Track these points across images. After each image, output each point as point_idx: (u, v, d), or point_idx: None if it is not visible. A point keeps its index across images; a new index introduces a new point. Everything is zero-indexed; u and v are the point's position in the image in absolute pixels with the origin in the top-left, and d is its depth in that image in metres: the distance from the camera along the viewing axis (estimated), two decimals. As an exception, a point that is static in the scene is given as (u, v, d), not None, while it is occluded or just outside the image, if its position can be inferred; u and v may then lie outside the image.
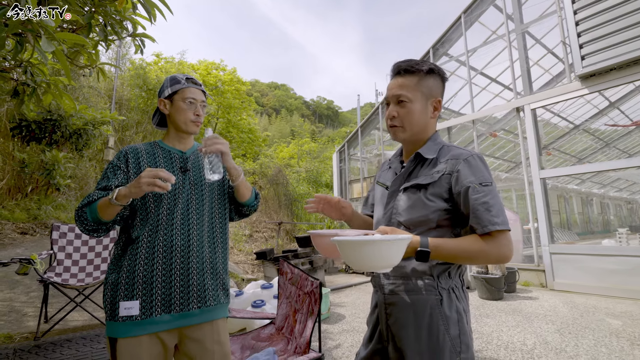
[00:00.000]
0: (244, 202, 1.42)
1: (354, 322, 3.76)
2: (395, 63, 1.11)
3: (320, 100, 75.29)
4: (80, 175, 7.49)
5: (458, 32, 7.37)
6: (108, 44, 2.67)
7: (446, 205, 1.01)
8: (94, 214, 1.15)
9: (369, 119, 9.38)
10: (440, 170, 1.03)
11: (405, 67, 1.08)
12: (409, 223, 1.04)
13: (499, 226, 0.91)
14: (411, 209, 1.04)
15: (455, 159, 1.02)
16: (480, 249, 0.91)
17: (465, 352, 0.97)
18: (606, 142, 10.66)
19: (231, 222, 1.65)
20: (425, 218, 1.02)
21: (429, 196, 1.02)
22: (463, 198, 0.97)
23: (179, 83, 1.35)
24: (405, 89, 1.06)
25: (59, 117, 5.81)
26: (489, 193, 0.95)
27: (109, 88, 9.43)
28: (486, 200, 0.93)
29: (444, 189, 1.01)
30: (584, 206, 13.94)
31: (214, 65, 16.77)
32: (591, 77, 5.24)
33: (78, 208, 1.18)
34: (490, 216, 0.91)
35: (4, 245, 4.83)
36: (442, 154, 1.07)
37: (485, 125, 8.18)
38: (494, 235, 0.92)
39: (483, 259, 0.92)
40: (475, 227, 0.94)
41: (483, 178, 0.97)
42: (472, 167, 0.99)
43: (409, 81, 1.07)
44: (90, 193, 1.21)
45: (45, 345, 2.88)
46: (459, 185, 0.98)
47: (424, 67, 1.07)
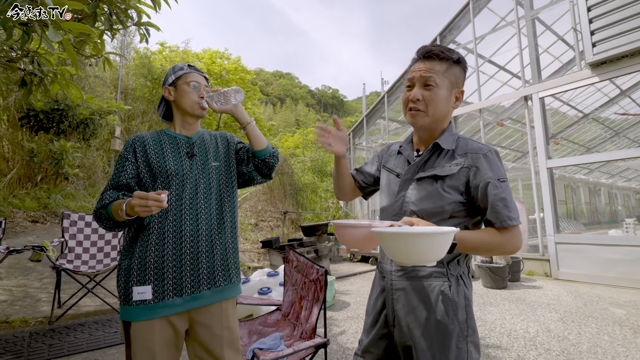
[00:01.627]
0: (260, 150, 1.38)
1: (358, 310, 3.82)
2: (424, 46, 1.09)
3: (326, 89, 74.66)
4: (88, 165, 7.58)
5: (466, 18, 7.22)
6: (113, 33, 2.67)
7: (461, 197, 1.03)
8: (110, 215, 1.21)
9: (374, 108, 9.31)
10: (459, 163, 1.04)
11: (436, 52, 1.05)
12: (422, 213, 1.05)
13: (515, 221, 0.97)
14: (426, 199, 1.05)
15: (475, 153, 1.04)
16: (498, 242, 0.98)
17: (472, 336, 1.01)
18: (616, 131, 10.48)
19: (239, 210, 1.67)
20: (440, 209, 1.03)
21: (446, 188, 1.03)
22: (482, 192, 1.00)
23: (182, 69, 1.38)
24: (435, 73, 1.04)
25: (66, 106, 5.86)
26: (506, 189, 1.00)
27: (115, 77, 9.44)
28: (504, 196, 0.98)
29: (461, 181, 1.03)
30: (591, 196, 13.82)
31: (219, 54, 16.66)
32: (602, 65, 5.13)
33: (96, 210, 1.23)
34: (508, 212, 0.97)
35: (16, 233, 4.95)
36: (459, 146, 1.08)
37: (493, 114, 8.07)
38: (509, 229, 0.98)
39: (499, 251, 0.99)
40: (493, 221, 0.99)
41: (500, 174, 1.01)
42: (491, 162, 1.02)
43: (439, 66, 1.05)
44: (102, 194, 1.24)
45: (59, 329, 2.98)
46: (477, 180, 1.01)
47: (453, 55, 1.06)
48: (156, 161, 1.29)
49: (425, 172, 1.08)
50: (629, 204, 16.23)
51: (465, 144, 1.08)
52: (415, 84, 1.08)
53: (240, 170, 1.47)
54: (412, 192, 1.09)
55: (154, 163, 1.28)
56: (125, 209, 1.11)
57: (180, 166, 1.31)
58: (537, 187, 5.74)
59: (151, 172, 1.28)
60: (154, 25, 2.82)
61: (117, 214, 1.16)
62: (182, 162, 1.32)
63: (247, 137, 1.40)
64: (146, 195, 1.05)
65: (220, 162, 1.41)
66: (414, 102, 1.07)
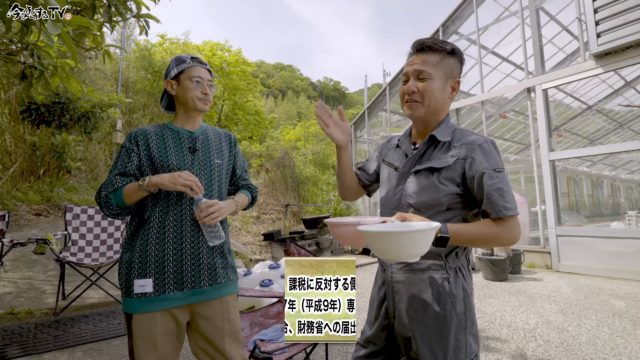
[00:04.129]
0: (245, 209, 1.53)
1: (360, 302, 3.85)
2: (418, 39, 1.10)
3: (327, 81, 74.21)
4: (90, 158, 7.60)
5: (469, 9, 7.11)
6: (113, 25, 2.65)
7: (458, 189, 1.03)
8: (119, 200, 1.22)
9: (376, 100, 9.25)
10: (455, 154, 1.04)
11: (429, 44, 1.06)
12: (420, 205, 1.06)
13: (511, 211, 0.96)
14: (423, 192, 1.06)
15: (470, 144, 1.04)
16: (495, 233, 0.97)
17: (471, 328, 1.02)
18: (620, 123, 10.39)
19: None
20: (436, 201, 1.04)
21: (442, 180, 1.03)
22: (477, 183, 1.00)
23: (185, 62, 1.35)
24: (428, 66, 1.05)
25: (67, 100, 5.85)
26: (503, 179, 0.99)
27: (115, 70, 9.40)
28: (500, 186, 0.98)
29: (457, 173, 1.03)
30: (594, 188, 13.76)
31: (219, 46, 16.55)
32: (607, 56, 5.06)
33: (103, 195, 1.23)
34: (504, 202, 0.96)
35: (20, 226, 4.99)
36: (455, 138, 1.08)
37: (495, 106, 8.00)
38: (505, 220, 0.97)
39: (496, 242, 0.98)
40: (489, 212, 0.98)
41: (496, 164, 1.01)
42: (486, 153, 1.02)
43: (432, 58, 1.06)
44: (110, 179, 1.24)
45: (64, 320, 3.02)
46: (472, 171, 1.01)
47: (447, 46, 1.07)
48: (158, 155, 1.29)
49: (422, 165, 1.08)
50: (631, 197, 16.16)
51: (462, 135, 1.08)
52: (410, 77, 1.09)
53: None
54: (409, 185, 1.10)
55: (156, 157, 1.29)
56: (147, 182, 1.19)
57: (182, 161, 1.31)
58: (539, 179, 5.72)
59: (153, 165, 1.29)
60: (153, 17, 2.80)
61: (130, 195, 1.21)
62: (184, 157, 1.32)
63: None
64: (196, 179, 1.22)
65: (223, 161, 1.42)
66: (409, 95, 1.09)
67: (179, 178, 1.18)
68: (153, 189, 1.20)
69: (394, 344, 1.13)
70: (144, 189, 1.19)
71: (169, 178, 1.19)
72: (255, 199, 1.55)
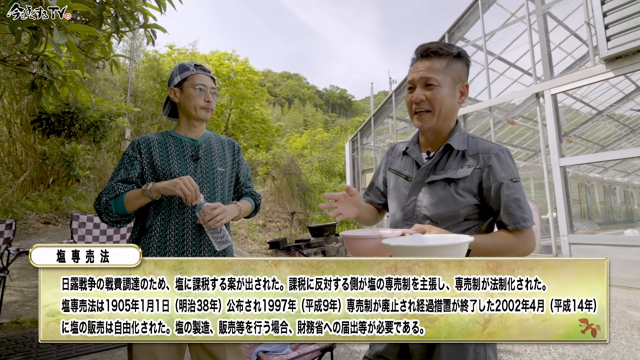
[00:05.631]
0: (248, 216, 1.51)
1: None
2: (423, 45, 1.05)
3: (334, 89, 74.66)
4: (98, 167, 7.70)
5: (475, 14, 7.10)
6: (120, 35, 2.68)
7: (475, 200, 1.00)
8: (119, 207, 1.20)
9: (382, 107, 9.24)
10: (471, 164, 1.00)
11: (434, 49, 1.01)
12: (437, 217, 1.02)
13: (529, 222, 0.95)
14: (440, 204, 1.01)
15: (486, 153, 1.00)
16: (512, 244, 0.95)
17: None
18: (631, 128, 10.21)
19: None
20: (455, 213, 1.00)
21: (459, 191, 1.00)
22: (494, 194, 0.97)
23: (188, 70, 1.34)
24: (435, 72, 1.00)
25: (76, 109, 5.95)
26: (519, 190, 0.97)
27: (124, 80, 9.57)
28: (518, 197, 0.96)
29: (474, 183, 1.00)
30: (606, 195, 13.48)
31: (227, 56, 16.78)
32: (617, 60, 4.98)
33: (103, 201, 1.20)
34: (522, 213, 0.95)
35: (29, 234, 5.04)
36: (469, 147, 1.04)
37: (503, 112, 7.93)
38: (522, 231, 0.95)
39: (512, 254, 0.95)
40: (506, 223, 0.96)
41: (513, 174, 0.98)
42: (503, 162, 0.99)
43: (438, 64, 1.01)
44: (111, 185, 1.22)
45: (68, 329, 3.01)
46: (490, 181, 0.98)
47: (453, 50, 1.02)
48: (161, 163, 1.28)
49: (437, 175, 1.03)
50: (645, 203, 15.78)
51: (476, 143, 1.04)
52: (417, 85, 1.03)
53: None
54: (424, 197, 1.05)
55: (158, 165, 1.27)
56: (150, 187, 1.17)
57: (184, 169, 1.30)
58: (550, 186, 5.61)
59: (155, 173, 1.28)
60: (160, 27, 2.83)
61: (132, 201, 1.19)
62: (187, 165, 1.31)
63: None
64: (197, 186, 1.18)
65: (226, 168, 1.40)
66: (417, 104, 1.03)
67: (179, 182, 1.16)
68: (155, 195, 1.18)
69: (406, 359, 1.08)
70: (146, 194, 1.17)
71: (171, 181, 1.17)
72: (258, 207, 1.52)
